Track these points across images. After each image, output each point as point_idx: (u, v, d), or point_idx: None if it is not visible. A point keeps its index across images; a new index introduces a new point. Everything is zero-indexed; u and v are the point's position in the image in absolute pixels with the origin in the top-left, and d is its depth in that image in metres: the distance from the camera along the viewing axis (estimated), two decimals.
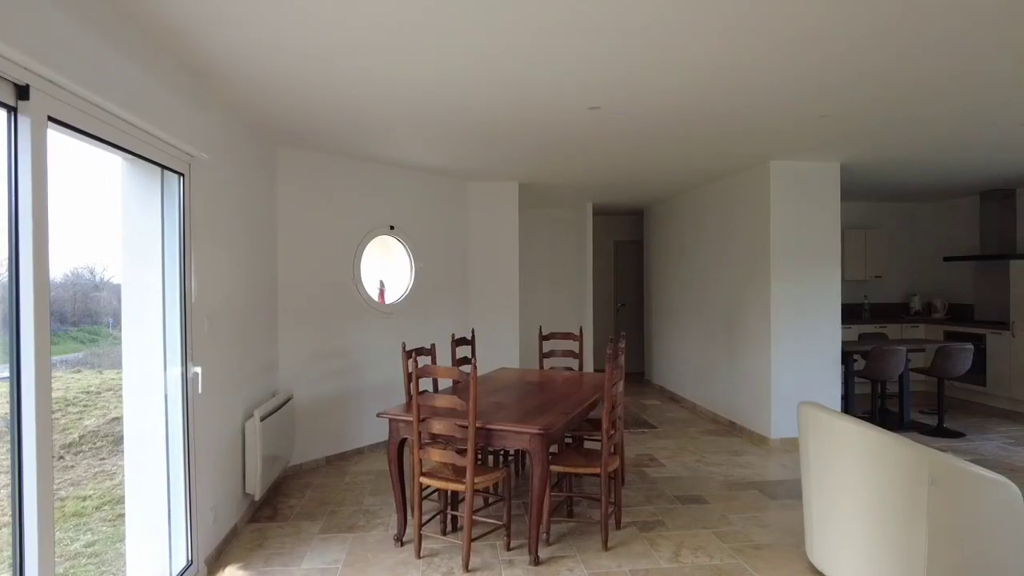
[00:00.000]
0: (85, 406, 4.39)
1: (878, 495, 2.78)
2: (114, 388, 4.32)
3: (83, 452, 4.20)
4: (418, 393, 3.37)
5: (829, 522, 3.07)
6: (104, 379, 4.50)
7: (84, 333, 4.15)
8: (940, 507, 2.64)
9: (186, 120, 3.09)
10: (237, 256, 3.93)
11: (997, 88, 3.57)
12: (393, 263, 6.05)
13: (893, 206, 8.78)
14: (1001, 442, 5.76)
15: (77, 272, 3.95)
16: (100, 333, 4.20)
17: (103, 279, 3.95)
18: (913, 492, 2.67)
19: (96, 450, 4.24)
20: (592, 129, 4.39)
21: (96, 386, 4.47)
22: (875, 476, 2.79)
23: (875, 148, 5.14)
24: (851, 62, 3.11)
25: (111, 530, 3.69)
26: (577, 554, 3.47)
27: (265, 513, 4.11)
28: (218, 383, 3.53)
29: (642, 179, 6.63)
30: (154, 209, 3.05)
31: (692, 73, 3.25)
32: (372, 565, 3.36)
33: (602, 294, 9.98)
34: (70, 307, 4.01)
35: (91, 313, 4.05)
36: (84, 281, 3.92)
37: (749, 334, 6.06)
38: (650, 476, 4.81)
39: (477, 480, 3.32)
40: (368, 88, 3.49)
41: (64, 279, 3.95)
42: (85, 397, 4.42)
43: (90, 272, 3.91)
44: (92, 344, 4.22)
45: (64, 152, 2.68)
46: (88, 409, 4.39)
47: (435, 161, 5.60)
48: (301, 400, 4.99)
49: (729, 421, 6.45)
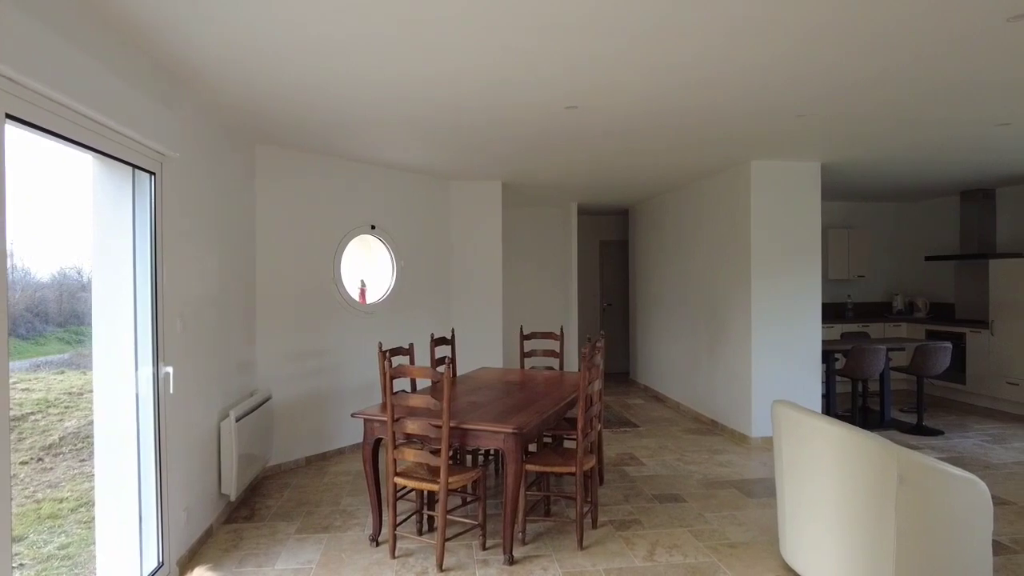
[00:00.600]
0: (67, 407, 4.36)
1: (848, 493, 2.80)
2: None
3: (63, 454, 4.16)
4: (392, 393, 3.37)
5: (801, 520, 3.09)
6: (87, 380, 4.46)
7: (70, 334, 4.12)
8: (909, 504, 2.66)
9: (157, 119, 3.06)
10: (212, 255, 3.91)
11: (975, 89, 3.60)
12: (375, 262, 6.03)
13: (876, 206, 8.84)
14: (979, 440, 5.81)
15: (64, 272, 3.92)
16: (86, 334, 4.17)
17: (90, 279, 3.92)
18: (882, 489, 2.69)
19: (76, 452, 4.20)
20: (572, 129, 4.40)
21: (79, 387, 4.43)
22: (845, 474, 2.81)
23: (854, 148, 5.18)
24: (828, 63, 3.13)
25: (86, 532, 3.66)
26: (552, 553, 3.47)
27: (242, 514, 4.09)
28: (191, 383, 3.51)
29: (625, 179, 6.65)
30: (125, 208, 3.03)
31: (667, 73, 3.26)
32: (346, 565, 3.35)
33: (588, 294, 10.00)
34: (56, 307, 3.98)
35: (77, 314, 4.01)
36: (71, 281, 3.89)
37: (730, 333, 6.09)
38: (630, 475, 4.82)
39: (451, 480, 3.31)
40: (348, 88, 3.48)
41: (51, 279, 3.92)
42: (67, 398, 4.39)
43: (77, 272, 3.88)
44: (78, 345, 4.19)
45: (53, 153, 2.66)
46: (70, 410, 4.36)
47: (417, 160, 5.59)
48: (280, 400, 4.96)
49: (711, 420, 6.47)
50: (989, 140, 4.92)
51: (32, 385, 4.32)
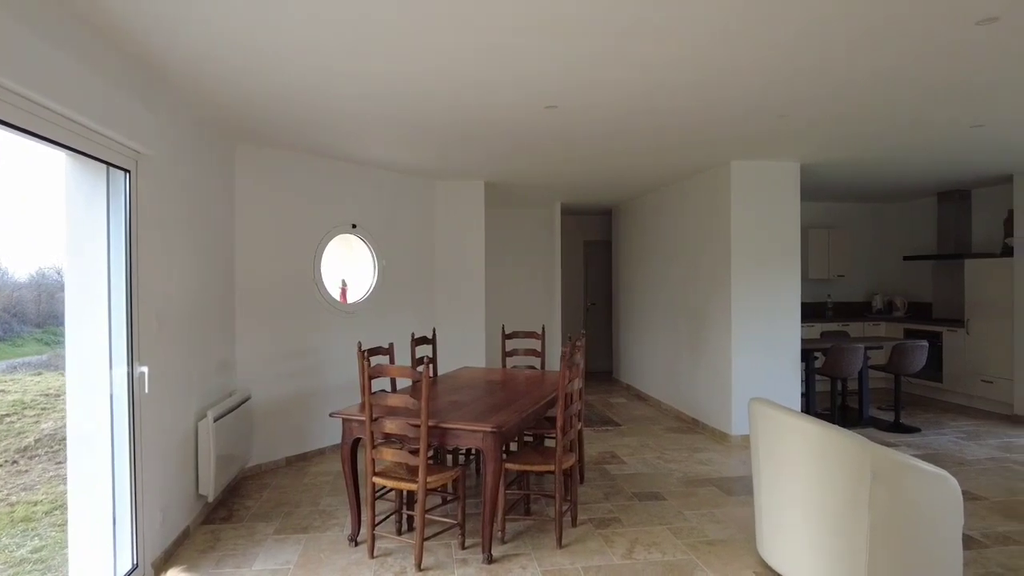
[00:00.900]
0: (43, 409, 4.30)
1: (823, 489, 2.83)
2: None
3: (38, 456, 4.11)
4: (371, 393, 3.35)
5: (777, 516, 3.12)
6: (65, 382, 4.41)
7: (48, 335, 4.07)
8: (882, 500, 2.70)
9: (132, 116, 3.03)
10: (190, 254, 3.87)
11: (950, 92, 3.65)
12: (356, 262, 6.00)
13: (856, 206, 8.94)
14: (954, 436, 5.90)
15: (43, 272, 3.87)
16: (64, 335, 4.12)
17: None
18: (856, 485, 2.73)
19: (53, 454, 4.16)
20: (552, 129, 4.41)
21: (56, 389, 4.38)
22: (820, 470, 2.84)
23: (832, 149, 5.24)
24: (805, 65, 3.16)
25: (60, 535, 3.62)
26: (531, 552, 3.48)
27: (220, 514, 4.06)
28: (168, 383, 3.47)
29: (607, 179, 6.67)
30: (99, 206, 3.00)
31: (642, 72, 3.27)
32: (324, 565, 3.33)
33: (572, 294, 10.02)
34: (34, 308, 3.93)
35: (56, 314, 3.96)
36: (50, 282, 3.84)
37: (711, 332, 6.13)
38: (611, 473, 4.84)
39: (430, 479, 3.31)
40: (327, 87, 3.47)
41: (29, 279, 3.86)
42: (44, 400, 4.33)
43: (57, 272, 3.82)
44: (57, 346, 4.13)
45: (30, 150, 2.62)
46: (47, 412, 4.30)
47: (399, 159, 5.57)
48: (260, 400, 4.93)
49: (692, 418, 6.51)
50: (964, 142, 4.99)
51: (8, 387, 4.26)
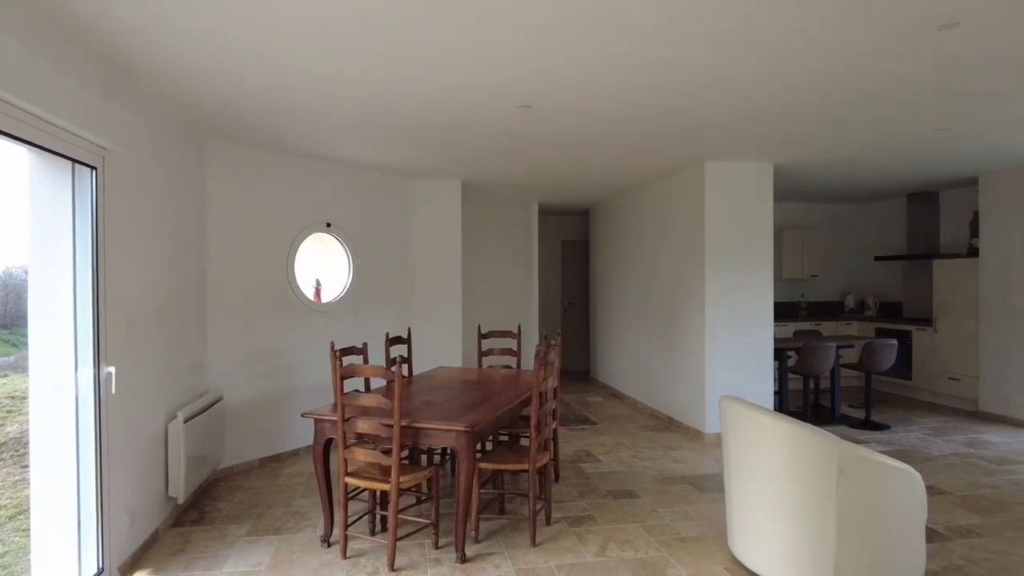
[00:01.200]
0: (9, 411, 4.22)
1: (791, 485, 2.88)
2: None
3: (3, 460, 4.03)
4: (343, 393, 3.33)
5: (747, 513, 3.16)
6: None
7: (15, 336, 3.98)
8: (848, 494, 2.75)
9: (99, 111, 2.97)
10: (160, 253, 3.81)
11: (915, 96, 3.73)
12: (331, 261, 5.96)
13: (829, 207, 9.08)
14: (922, 433, 6.02)
15: (10, 272, 3.79)
16: None
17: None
18: (824, 481, 2.78)
19: (18, 457, 4.07)
20: (527, 128, 4.41)
21: (23, 391, 4.29)
22: (789, 467, 2.89)
23: (803, 150, 5.31)
24: (763, 67, 3.20)
25: (24, 540, 3.54)
26: (505, 551, 3.48)
27: (191, 516, 4.00)
28: (137, 383, 3.42)
29: (583, 179, 6.70)
30: (64, 203, 2.94)
31: (617, 72, 3.29)
32: (296, 567, 3.30)
33: (550, 293, 10.05)
34: (1, 309, 3.85)
35: (24, 315, 3.88)
36: (18, 282, 3.76)
37: (685, 331, 6.19)
38: (585, 472, 4.86)
39: (403, 479, 3.30)
40: (299, 86, 3.45)
41: None
42: (9, 402, 4.25)
43: (24, 272, 3.74)
44: (24, 347, 4.05)
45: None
46: (12, 415, 4.22)
47: (374, 158, 5.54)
48: (233, 401, 4.87)
49: (667, 417, 6.57)
50: (930, 144, 5.09)
51: None
